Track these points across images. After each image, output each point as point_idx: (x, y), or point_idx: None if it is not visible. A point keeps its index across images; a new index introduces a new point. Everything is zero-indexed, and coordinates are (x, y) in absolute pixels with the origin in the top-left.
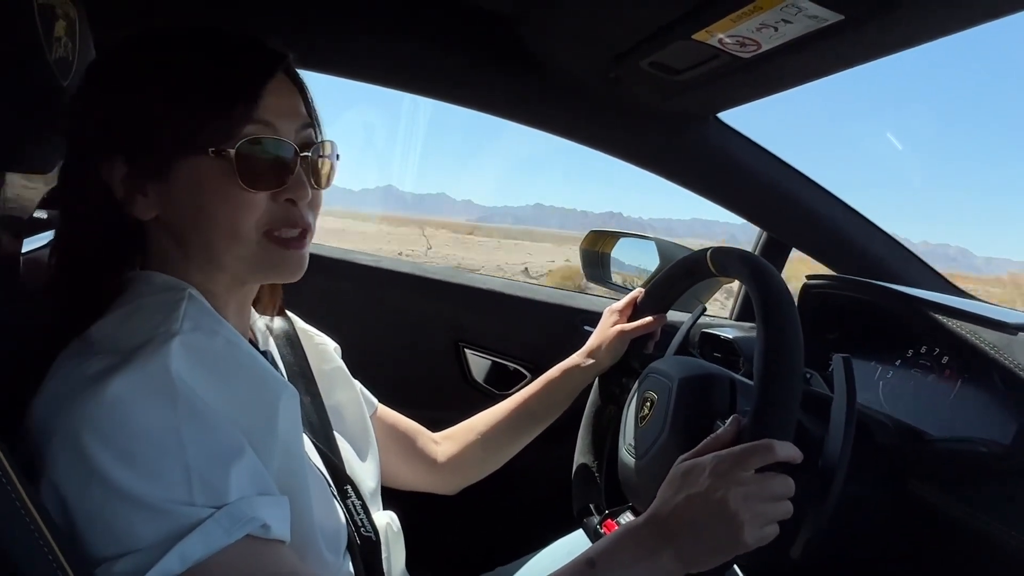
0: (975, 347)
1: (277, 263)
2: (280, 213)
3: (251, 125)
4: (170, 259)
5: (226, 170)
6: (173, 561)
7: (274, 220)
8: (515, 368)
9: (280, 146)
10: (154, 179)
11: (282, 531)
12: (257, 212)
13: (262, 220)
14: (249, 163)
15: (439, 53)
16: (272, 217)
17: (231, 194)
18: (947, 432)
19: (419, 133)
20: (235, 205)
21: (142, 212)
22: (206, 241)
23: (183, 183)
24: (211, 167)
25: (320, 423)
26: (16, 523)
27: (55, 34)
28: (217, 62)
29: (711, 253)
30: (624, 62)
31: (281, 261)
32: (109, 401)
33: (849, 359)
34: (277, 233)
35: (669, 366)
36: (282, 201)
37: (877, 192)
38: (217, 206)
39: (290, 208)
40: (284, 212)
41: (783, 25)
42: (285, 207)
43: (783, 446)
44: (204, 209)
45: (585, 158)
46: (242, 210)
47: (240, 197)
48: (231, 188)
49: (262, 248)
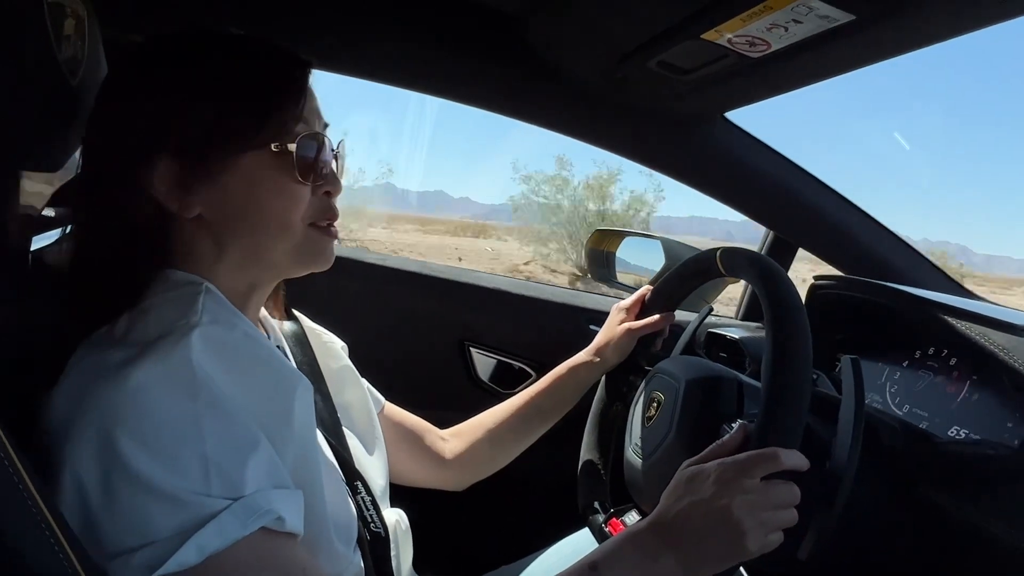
0: (984, 349)
1: (320, 250)
2: (319, 205)
3: (300, 124)
4: (198, 256)
5: (283, 165)
6: (190, 552)
7: (315, 212)
8: (520, 367)
9: (323, 142)
10: (207, 178)
11: (296, 524)
12: (304, 204)
13: (307, 213)
14: (304, 158)
15: (446, 52)
16: (313, 210)
17: (286, 187)
18: (955, 434)
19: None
20: (289, 197)
21: (186, 210)
22: (254, 235)
23: (238, 180)
24: (269, 163)
25: (331, 420)
26: (27, 520)
27: (64, 33)
28: (265, 66)
29: (720, 253)
30: (632, 62)
31: (324, 248)
32: (131, 390)
33: (858, 361)
34: (319, 223)
35: (676, 366)
36: (320, 194)
37: (877, 190)
38: (272, 200)
39: (327, 200)
40: (323, 204)
41: (793, 25)
42: (323, 200)
43: (789, 454)
44: (258, 204)
45: None
46: (294, 202)
47: (293, 190)
48: (286, 182)
49: (306, 237)
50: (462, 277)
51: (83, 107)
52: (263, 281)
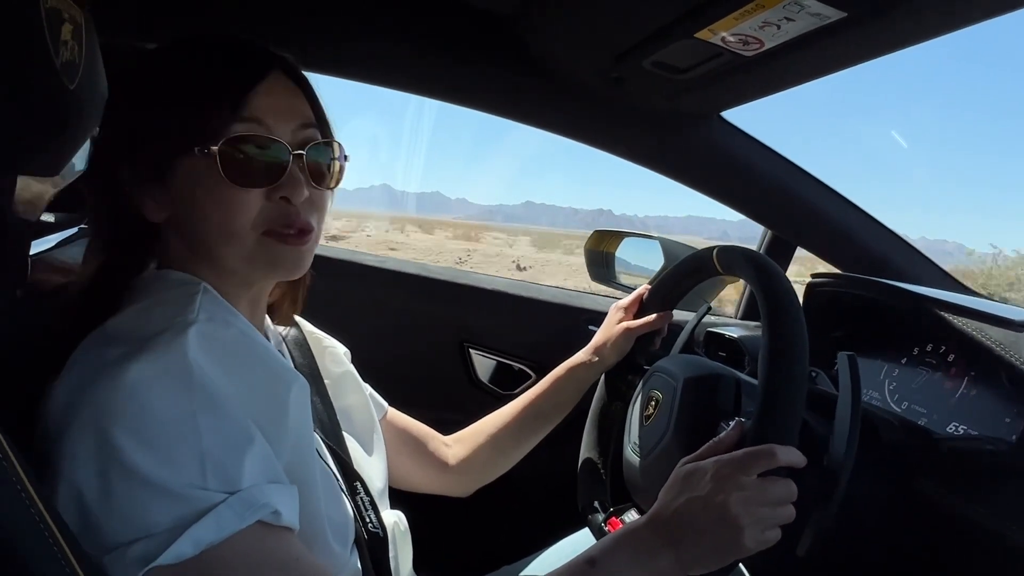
0: (981, 345)
1: (274, 259)
2: (276, 211)
3: (240, 124)
4: (183, 259)
5: (211, 168)
6: (186, 545)
7: (270, 219)
8: (520, 368)
9: (270, 144)
10: (155, 182)
11: (292, 518)
12: (251, 210)
13: (258, 219)
14: (235, 161)
15: (441, 54)
16: (268, 216)
17: (222, 193)
18: (953, 430)
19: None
20: (227, 203)
21: (152, 214)
22: (205, 240)
23: (180, 184)
24: (201, 167)
25: (330, 422)
26: (22, 516)
27: (62, 38)
28: (204, 65)
29: (717, 252)
30: (626, 62)
31: (278, 256)
32: (128, 386)
33: (854, 357)
34: (276, 230)
35: (674, 365)
36: (277, 199)
37: (874, 189)
38: (211, 205)
39: (285, 206)
40: (280, 210)
41: (786, 23)
42: (281, 205)
43: (786, 451)
44: (200, 209)
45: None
46: (234, 208)
47: (230, 195)
48: (221, 187)
49: (260, 245)
50: (461, 279)
51: (81, 112)
52: (240, 286)
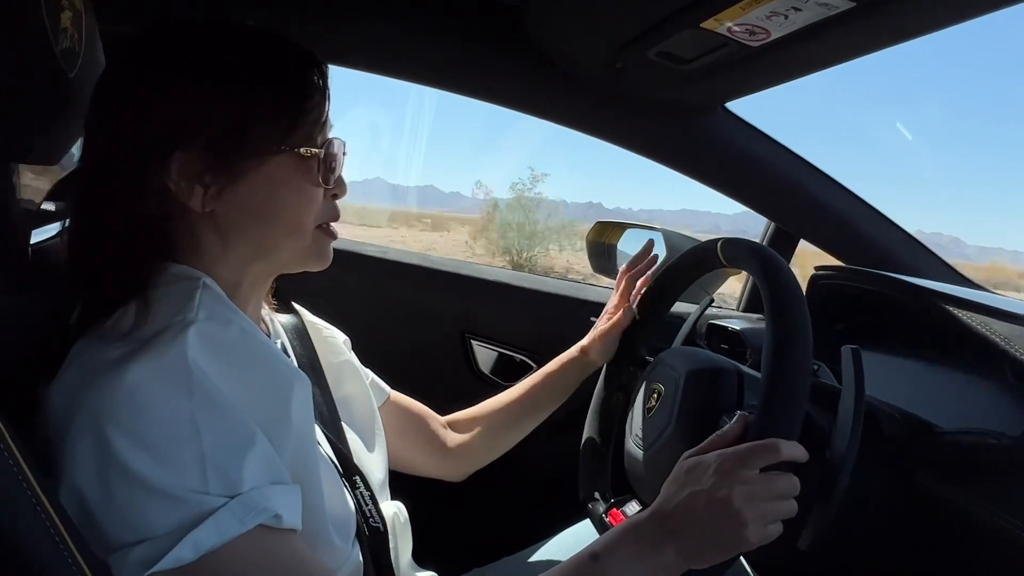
0: (985, 338)
1: (323, 250)
2: (328, 207)
3: (325, 127)
4: (201, 251)
5: (308, 168)
6: (186, 549)
7: (324, 214)
8: (522, 359)
9: (340, 145)
10: (229, 175)
11: (293, 521)
12: (317, 206)
13: (319, 214)
14: (328, 162)
15: (444, 43)
16: (323, 211)
17: (306, 191)
18: (956, 424)
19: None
20: (307, 200)
21: (199, 205)
22: (266, 234)
23: (262, 180)
24: (294, 165)
25: (330, 414)
26: (29, 515)
27: (61, 25)
28: (294, 64)
29: (721, 244)
30: (631, 52)
31: (326, 248)
32: (127, 388)
33: (858, 350)
34: (325, 225)
35: (676, 357)
36: (329, 196)
37: (875, 183)
38: (290, 202)
39: (333, 203)
40: (330, 206)
41: (793, 13)
42: (330, 202)
43: (789, 445)
44: (276, 205)
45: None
46: (311, 205)
47: (312, 193)
48: (306, 185)
49: (315, 239)
50: (463, 270)
51: (81, 99)
52: (262, 277)
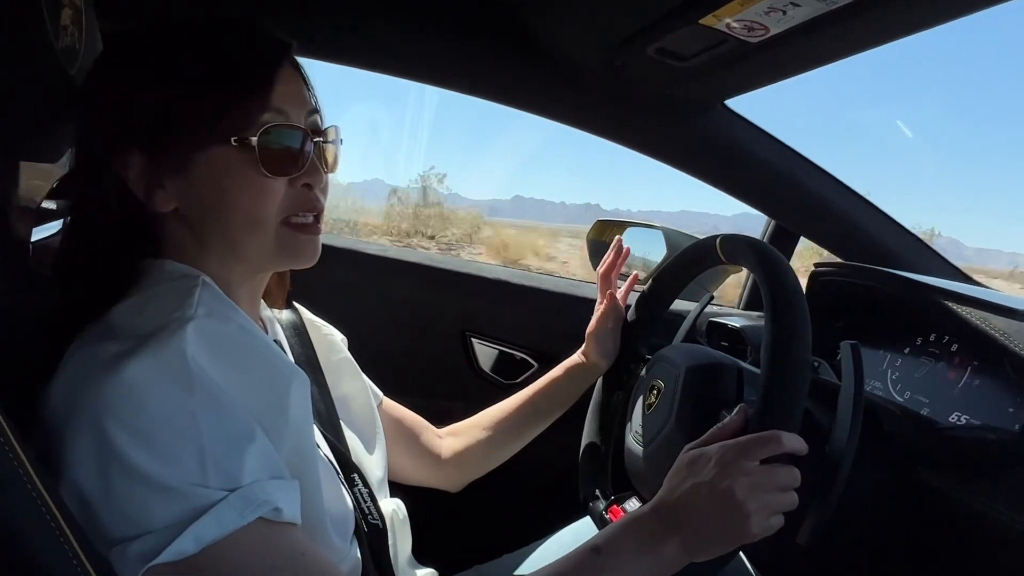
0: (984, 334)
1: (295, 249)
2: (297, 198)
3: (267, 113)
4: (186, 249)
5: (248, 159)
6: (188, 542)
7: (292, 206)
8: (522, 358)
9: (296, 133)
10: (173, 172)
11: (293, 514)
12: (277, 199)
13: (281, 206)
14: (270, 150)
15: (443, 41)
16: (290, 203)
17: (253, 182)
18: (956, 419)
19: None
20: (257, 192)
21: (160, 205)
22: (226, 231)
23: (204, 174)
24: (233, 157)
25: (328, 413)
26: (31, 511)
27: (61, 23)
28: (230, 53)
29: (721, 241)
30: (630, 49)
31: (299, 247)
32: (127, 384)
33: (857, 346)
34: (294, 219)
35: (676, 354)
36: (299, 187)
37: (872, 182)
38: (239, 195)
39: (306, 193)
40: (301, 197)
41: (792, 8)
42: (302, 192)
43: (790, 437)
44: (226, 199)
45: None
46: (263, 197)
47: (261, 184)
48: (253, 176)
49: (280, 235)
50: (463, 268)
51: None
52: (247, 276)
